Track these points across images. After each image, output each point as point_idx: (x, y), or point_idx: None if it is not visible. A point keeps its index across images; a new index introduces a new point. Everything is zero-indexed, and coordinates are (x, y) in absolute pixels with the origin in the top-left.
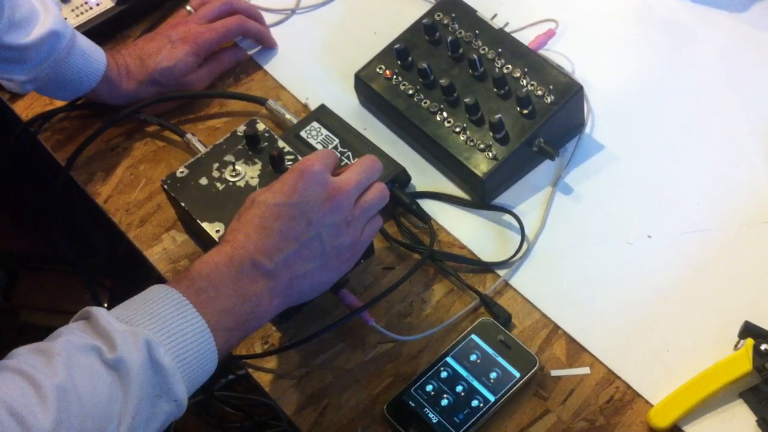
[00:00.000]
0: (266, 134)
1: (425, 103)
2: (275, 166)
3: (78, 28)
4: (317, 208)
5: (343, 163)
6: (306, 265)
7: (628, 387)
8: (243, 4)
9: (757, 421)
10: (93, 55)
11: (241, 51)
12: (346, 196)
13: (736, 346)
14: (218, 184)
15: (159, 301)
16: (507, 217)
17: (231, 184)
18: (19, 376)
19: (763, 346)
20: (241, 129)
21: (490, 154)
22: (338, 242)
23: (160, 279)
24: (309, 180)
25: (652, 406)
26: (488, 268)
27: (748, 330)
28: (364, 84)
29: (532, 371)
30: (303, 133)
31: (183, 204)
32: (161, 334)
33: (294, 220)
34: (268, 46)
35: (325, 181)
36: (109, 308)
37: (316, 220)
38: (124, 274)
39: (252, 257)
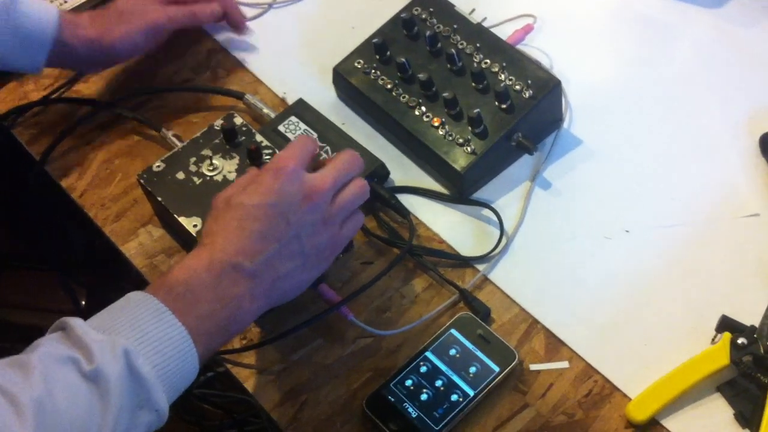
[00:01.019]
0: (244, 128)
1: (404, 97)
2: (253, 160)
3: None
4: (295, 208)
5: (321, 158)
6: (286, 265)
7: (607, 381)
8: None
9: (734, 414)
10: (38, 2)
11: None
12: (323, 195)
13: (713, 339)
14: (195, 179)
15: (137, 308)
16: (486, 212)
17: (208, 178)
18: None
19: (740, 340)
20: (219, 123)
21: (469, 149)
22: (317, 241)
23: (137, 274)
24: (285, 180)
25: (630, 399)
26: (467, 262)
27: (725, 324)
28: (342, 78)
29: (512, 365)
30: (281, 128)
31: (160, 198)
32: (140, 343)
33: (273, 220)
34: (236, 28)
35: (301, 180)
36: (86, 305)
37: (295, 220)
38: (101, 270)
39: (232, 260)
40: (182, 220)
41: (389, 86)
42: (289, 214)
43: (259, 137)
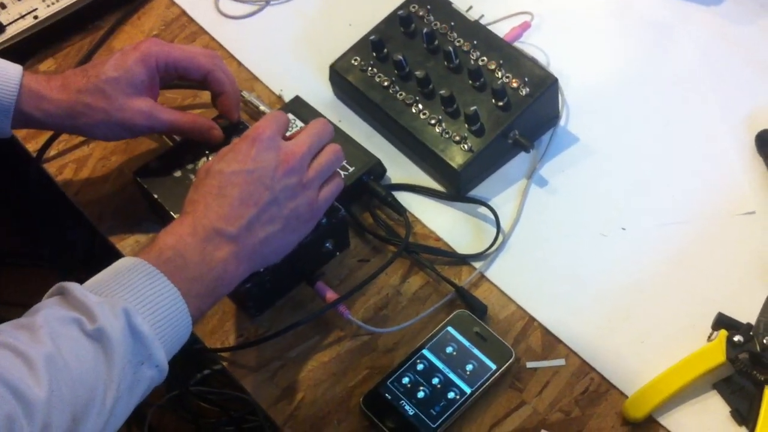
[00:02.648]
0: (240, 126)
1: (400, 95)
2: None
3: (50, 18)
4: (272, 173)
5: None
6: (267, 228)
7: (603, 378)
8: (225, 66)
9: (730, 412)
10: (0, 64)
11: (216, 130)
12: (299, 159)
13: (709, 337)
14: (191, 176)
15: (130, 272)
16: (482, 210)
17: None
18: (7, 349)
19: (736, 338)
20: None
21: (466, 146)
22: (295, 204)
23: None
24: (261, 146)
25: (626, 397)
26: (464, 260)
27: (722, 321)
28: (339, 76)
29: (508, 363)
30: None
31: (156, 196)
32: (136, 303)
33: (251, 185)
34: (228, 114)
35: (277, 146)
36: None
37: (272, 185)
38: (100, 267)
39: (214, 225)
40: None
41: (386, 84)
42: (266, 179)
43: None
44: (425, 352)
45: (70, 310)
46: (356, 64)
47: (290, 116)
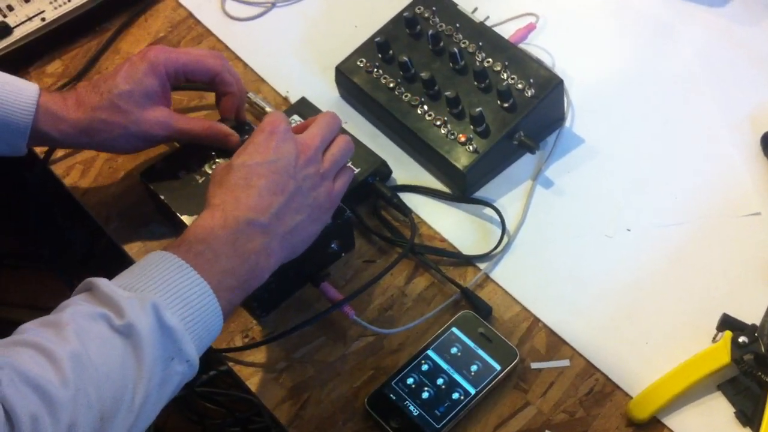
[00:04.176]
0: (246, 127)
1: (406, 96)
2: None
3: (57, 20)
4: (293, 163)
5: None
6: (295, 217)
7: (608, 379)
8: (232, 68)
9: (735, 413)
10: (18, 84)
11: (233, 137)
12: (315, 150)
13: (714, 338)
14: (198, 177)
15: (159, 266)
16: (488, 211)
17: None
18: (32, 348)
19: (740, 339)
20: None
21: (471, 148)
22: (317, 193)
23: None
24: (280, 138)
25: (631, 398)
26: (469, 261)
27: (726, 322)
28: (344, 77)
29: (513, 364)
30: None
31: (162, 197)
32: (166, 298)
33: (276, 174)
34: (234, 115)
35: (293, 138)
36: None
37: (295, 174)
38: (104, 269)
39: (246, 216)
40: (185, 218)
41: (391, 85)
42: (289, 168)
43: None
44: (430, 352)
45: (97, 306)
46: (362, 65)
47: (297, 117)
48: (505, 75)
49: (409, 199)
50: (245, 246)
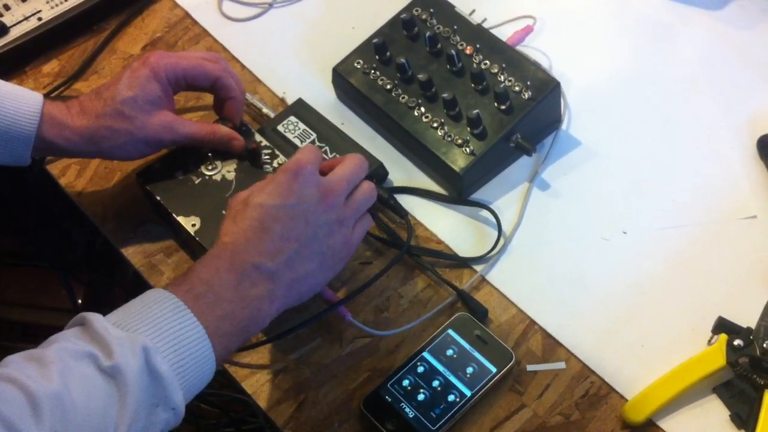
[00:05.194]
0: (243, 128)
1: (403, 98)
2: (252, 160)
3: (54, 19)
4: (313, 208)
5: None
6: (306, 265)
7: (603, 382)
8: (233, 71)
9: (730, 415)
10: (21, 93)
11: (238, 140)
12: (338, 196)
13: (709, 341)
14: (194, 178)
15: (157, 305)
16: (484, 213)
17: (207, 178)
18: (12, 385)
19: (736, 342)
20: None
21: (468, 150)
22: (333, 241)
23: (135, 273)
24: (304, 180)
25: (626, 400)
26: (465, 263)
27: (722, 325)
28: (341, 78)
29: (508, 366)
30: (280, 128)
31: (158, 198)
32: (159, 341)
33: (293, 220)
34: (233, 118)
35: (317, 181)
36: (84, 303)
37: (313, 220)
38: (102, 268)
39: (254, 260)
40: (181, 219)
41: (389, 87)
42: (307, 214)
43: (258, 137)
44: (426, 354)
45: (87, 344)
46: (359, 66)
47: (293, 119)
48: (502, 77)
49: (406, 201)
50: (248, 291)
